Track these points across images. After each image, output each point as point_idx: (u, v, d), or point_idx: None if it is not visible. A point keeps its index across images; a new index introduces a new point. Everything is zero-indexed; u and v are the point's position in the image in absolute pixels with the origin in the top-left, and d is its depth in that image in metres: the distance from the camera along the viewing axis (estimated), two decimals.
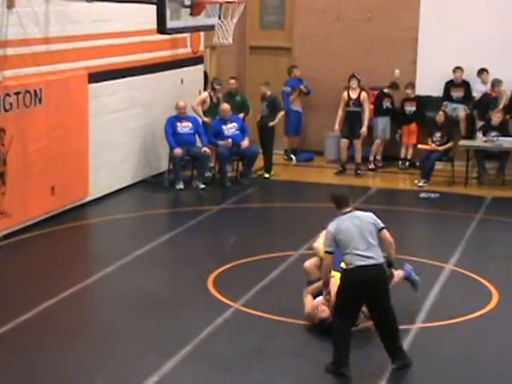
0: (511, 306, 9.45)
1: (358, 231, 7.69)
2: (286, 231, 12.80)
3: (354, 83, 16.08)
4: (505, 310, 9.32)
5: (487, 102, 16.04)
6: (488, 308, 9.35)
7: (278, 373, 7.71)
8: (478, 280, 10.21)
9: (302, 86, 17.08)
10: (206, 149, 14.93)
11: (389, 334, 7.65)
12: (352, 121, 16.05)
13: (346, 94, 16.12)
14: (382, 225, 7.90)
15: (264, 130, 15.85)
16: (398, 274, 8.76)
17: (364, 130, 16.04)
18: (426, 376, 7.69)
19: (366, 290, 7.54)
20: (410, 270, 9.30)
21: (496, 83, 16.05)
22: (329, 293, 8.17)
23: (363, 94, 16.09)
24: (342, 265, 8.15)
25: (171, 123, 14.92)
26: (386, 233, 7.91)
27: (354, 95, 16.06)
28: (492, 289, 9.89)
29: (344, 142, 16.17)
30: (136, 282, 10.07)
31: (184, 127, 14.97)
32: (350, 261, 7.61)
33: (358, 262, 7.56)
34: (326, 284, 8.17)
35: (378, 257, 7.66)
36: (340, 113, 16.13)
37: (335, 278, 8.33)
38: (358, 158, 16.18)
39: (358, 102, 16.01)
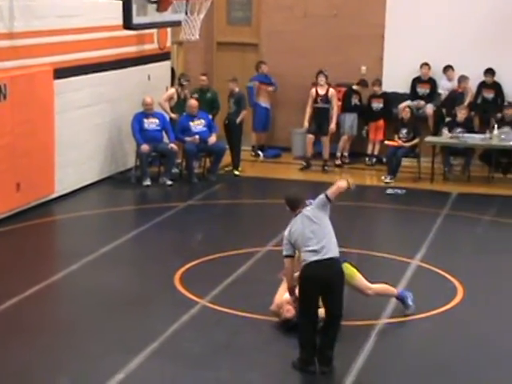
0: (476, 301, 9.52)
1: (309, 230, 7.71)
2: (254, 227, 12.81)
3: (321, 80, 16.10)
4: (470, 305, 9.39)
5: (454, 99, 16.15)
6: (453, 303, 9.42)
7: (245, 368, 7.72)
8: (444, 275, 10.28)
9: (269, 88, 17.08)
10: (172, 145, 14.89)
11: (326, 342, 7.63)
12: (320, 117, 16.08)
13: (313, 90, 16.15)
14: (322, 196, 8.01)
15: (231, 126, 15.83)
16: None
17: (333, 126, 16.08)
18: (392, 371, 7.72)
19: (320, 284, 7.53)
20: (407, 295, 9.08)
21: (462, 80, 16.16)
22: (296, 299, 8.09)
23: (331, 90, 16.13)
24: None
25: (138, 120, 14.87)
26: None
27: (321, 92, 16.08)
28: (457, 284, 9.96)
29: (310, 137, 16.20)
30: (102, 279, 10.02)
31: (151, 123, 14.92)
32: (304, 257, 7.63)
33: (312, 257, 7.58)
34: (290, 290, 8.11)
35: (330, 251, 7.64)
36: (308, 110, 16.15)
37: None
38: (326, 154, 16.21)
39: (326, 99, 16.04)
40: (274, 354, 8.01)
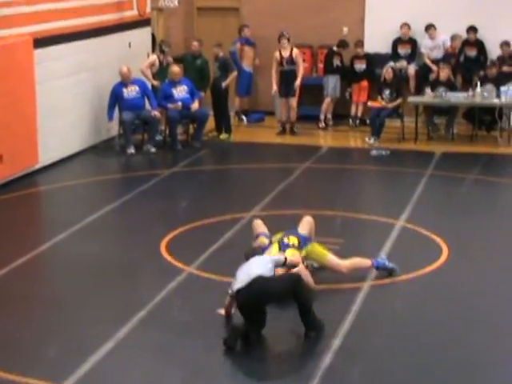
0: (461, 260, 9.58)
1: (243, 269, 7.82)
2: (239, 193, 12.82)
3: (284, 42, 15.96)
4: (455, 264, 9.45)
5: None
6: (438, 263, 9.47)
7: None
8: (429, 236, 10.33)
9: (252, 51, 17.01)
10: (155, 112, 14.84)
11: (301, 309, 7.65)
12: (287, 79, 15.93)
13: (277, 53, 16.00)
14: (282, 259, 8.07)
15: (217, 91, 15.76)
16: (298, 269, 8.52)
17: (297, 83, 15.92)
18: (378, 333, 7.78)
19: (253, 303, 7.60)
20: (381, 261, 9.02)
21: (455, 38, 16.18)
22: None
23: (295, 50, 15.99)
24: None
25: (115, 92, 14.71)
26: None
27: (285, 54, 15.95)
28: (442, 244, 10.01)
29: (284, 101, 16.11)
30: (88, 249, 10.03)
31: (130, 92, 14.81)
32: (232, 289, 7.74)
33: (236, 286, 7.68)
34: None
35: (251, 274, 7.67)
36: (274, 74, 16.02)
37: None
38: (293, 116, 16.11)
39: (291, 60, 15.93)
40: None
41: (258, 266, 7.76)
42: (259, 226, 9.20)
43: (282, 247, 8.66)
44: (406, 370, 7.16)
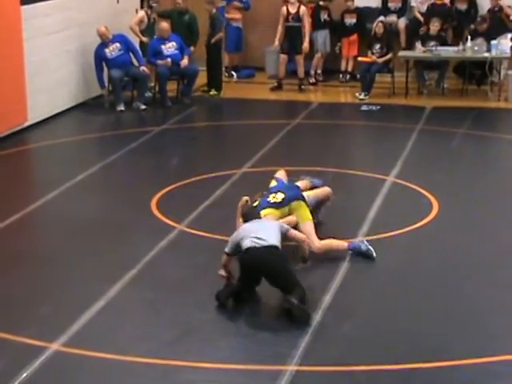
0: (451, 215, 9.60)
1: (255, 228, 7.61)
2: (229, 149, 12.80)
3: None
4: (445, 219, 9.48)
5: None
6: (429, 218, 9.49)
7: None
8: (419, 191, 10.34)
9: (235, 2, 16.85)
10: (144, 68, 14.72)
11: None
12: (292, 36, 15.89)
13: (284, 9, 15.94)
14: (287, 227, 7.82)
15: (209, 48, 15.65)
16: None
17: (306, 45, 15.91)
18: (369, 287, 7.82)
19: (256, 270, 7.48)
20: (358, 243, 8.54)
21: None
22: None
23: (302, 8, 15.93)
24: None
25: (98, 55, 14.56)
26: (292, 232, 7.82)
27: (292, 10, 15.88)
28: (432, 199, 10.03)
29: (283, 57, 16.07)
30: (79, 207, 10.01)
31: (113, 50, 14.64)
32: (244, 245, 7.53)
33: (249, 244, 7.47)
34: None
35: (269, 239, 7.49)
36: (280, 28, 15.95)
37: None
38: (301, 73, 16.09)
39: (298, 17, 15.84)
40: None
41: (271, 234, 7.53)
42: (280, 173, 9.17)
43: (262, 205, 8.49)
44: (396, 322, 7.21)
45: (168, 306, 7.52)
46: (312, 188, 9.13)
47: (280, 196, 8.58)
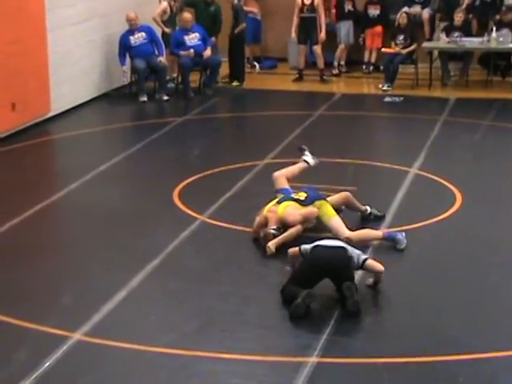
0: (474, 208, 9.54)
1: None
2: (252, 141, 12.77)
3: None
4: (468, 212, 9.41)
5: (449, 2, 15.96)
6: (452, 210, 9.43)
7: (245, 282, 7.77)
8: (442, 183, 10.28)
9: None
10: (161, 58, 14.67)
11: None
12: (307, 27, 15.81)
13: (299, 0, 15.85)
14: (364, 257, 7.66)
15: (231, 39, 15.63)
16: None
17: (322, 35, 15.83)
18: (390, 280, 7.77)
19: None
20: (392, 233, 8.54)
21: None
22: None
23: None
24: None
25: (124, 42, 14.59)
26: (370, 263, 7.65)
27: (307, 1, 15.79)
28: (456, 191, 9.97)
29: (303, 48, 16.01)
30: (101, 198, 10.04)
31: (138, 39, 14.65)
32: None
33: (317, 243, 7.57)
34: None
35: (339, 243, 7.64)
36: (295, 19, 15.88)
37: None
38: (321, 63, 16.04)
39: (312, 8, 15.75)
40: (274, 267, 8.05)
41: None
42: (279, 180, 9.11)
43: (282, 199, 8.62)
44: (419, 315, 7.17)
45: (189, 297, 7.52)
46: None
47: (303, 194, 8.63)
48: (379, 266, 7.60)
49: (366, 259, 7.56)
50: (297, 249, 7.61)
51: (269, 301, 7.40)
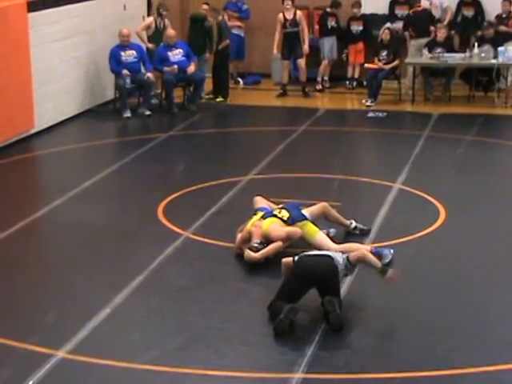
0: (458, 222, 9.57)
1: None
2: (235, 156, 12.79)
3: (287, 3, 15.86)
4: (452, 226, 9.45)
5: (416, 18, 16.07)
6: (436, 225, 9.46)
7: (230, 298, 7.78)
8: (426, 198, 10.31)
9: (235, 14, 16.78)
10: (149, 74, 14.72)
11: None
12: (291, 42, 15.88)
13: (281, 15, 15.91)
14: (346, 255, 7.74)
15: (215, 55, 15.66)
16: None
17: (306, 47, 15.89)
18: (375, 296, 7.78)
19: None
20: (383, 249, 8.52)
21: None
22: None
23: (298, 13, 15.92)
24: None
25: (114, 54, 14.60)
26: (352, 255, 7.74)
27: (289, 16, 15.86)
28: (439, 206, 10.00)
29: (286, 63, 16.07)
30: (85, 214, 10.01)
31: (128, 56, 14.69)
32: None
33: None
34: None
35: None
36: (277, 35, 15.93)
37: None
38: (303, 77, 16.09)
39: (295, 22, 15.84)
40: (257, 284, 8.06)
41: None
42: (258, 201, 9.14)
43: (266, 215, 8.67)
44: (403, 330, 7.21)
45: (174, 314, 7.51)
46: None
47: (285, 214, 8.64)
48: (360, 251, 7.70)
49: (347, 256, 7.60)
50: (290, 259, 7.61)
51: (253, 317, 7.40)
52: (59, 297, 7.87)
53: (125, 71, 14.46)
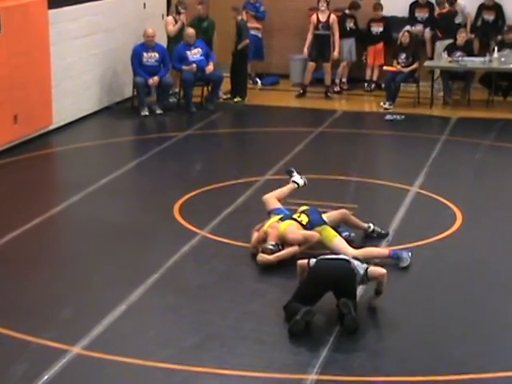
0: (475, 227, 9.54)
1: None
2: (253, 157, 12.79)
3: (322, 5, 15.85)
4: (468, 231, 9.42)
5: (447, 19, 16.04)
6: (453, 229, 9.44)
7: (245, 298, 7.78)
8: (443, 202, 10.29)
9: (251, 13, 16.75)
10: (151, 80, 14.51)
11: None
12: (321, 44, 15.87)
13: (314, 17, 15.93)
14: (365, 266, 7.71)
15: (234, 55, 15.67)
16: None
17: (336, 53, 15.91)
18: (390, 299, 7.77)
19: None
20: (401, 252, 8.54)
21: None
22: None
23: (332, 16, 15.91)
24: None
25: (137, 53, 14.60)
26: (372, 269, 7.71)
27: (322, 18, 15.86)
28: (456, 210, 9.97)
29: (311, 65, 16.07)
30: (102, 211, 10.04)
31: (150, 58, 14.64)
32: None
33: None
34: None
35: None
36: (309, 36, 15.93)
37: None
38: (328, 80, 16.09)
39: (327, 25, 15.84)
40: (273, 284, 8.06)
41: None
42: (270, 202, 9.11)
43: (284, 217, 8.69)
44: (419, 334, 7.18)
45: (189, 312, 7.52)
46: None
47: (304, 218, 8.63)
48: (381, 270, 7.60)
49: (367, 268, 7.56)
50: (305, 261, 7.60)
51: (268, 317, 7.40)
52: (75, 293, 7.89)
53: (154, 79, 14.38)
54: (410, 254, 8.49)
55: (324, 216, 8.81)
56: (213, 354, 6.77)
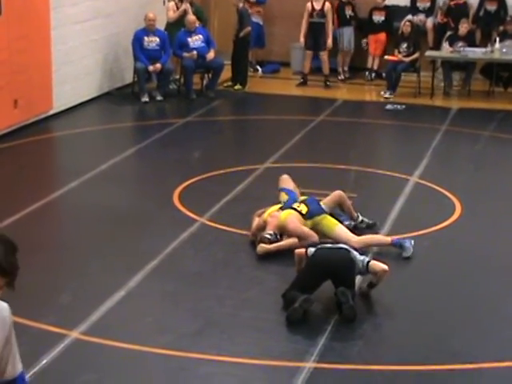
0: (474, 217, 9.55)
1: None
2: (252, 144, 12.79)
3: None
4: (467, 221, 9.42)
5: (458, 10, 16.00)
6: (452, 220, 9.44)
7: (244, 285, 7.78)
8: (442, 192, 10.29)
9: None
10: (151, 67, 14.51)
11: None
12: (316, 32, 15.84)
13: (309, 4, 15.88)
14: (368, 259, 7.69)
15: (235, 42, 15.64)
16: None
17: (329, 42, 15.86)
18: (389, 288, 7.77)
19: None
20: (404, 240, 8.53)
21: None
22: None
23: (327, 4, 15.86)
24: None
25: (138, 38, 14.58)
26: (373, 263, 7.66)
27: (317, 6, 15.82)
28: (455, 201, 9.98)
29: (309, 53, 16.04)
30: (101, 197, 10.03)
31: (151, 42, 14.62)
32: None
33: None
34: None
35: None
36: (304, 24, 15.90)
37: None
38: (326, 69, 16.06)
39: (322, 13, 15.80)
40: (272, 271, 8.06)
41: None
42: (285, 181, 9.15)
43: (284, 206, 8.69)
44: (417, 323, 7.19)
45: (187, 299, 7.52)
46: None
47: (304, 208, 8.61)
48: (384, 266, 7.58)
49: (369, 261, 7.56)
50: (303, 250, 7.61)
51: (267, 304, 7.41)
52: (74, 278, 7.89)
53: (156, 65, 14.34)
54: (412, 242, 8.49)
55: (321, 203, 8.80)
56: (211, 341, 6.78)
